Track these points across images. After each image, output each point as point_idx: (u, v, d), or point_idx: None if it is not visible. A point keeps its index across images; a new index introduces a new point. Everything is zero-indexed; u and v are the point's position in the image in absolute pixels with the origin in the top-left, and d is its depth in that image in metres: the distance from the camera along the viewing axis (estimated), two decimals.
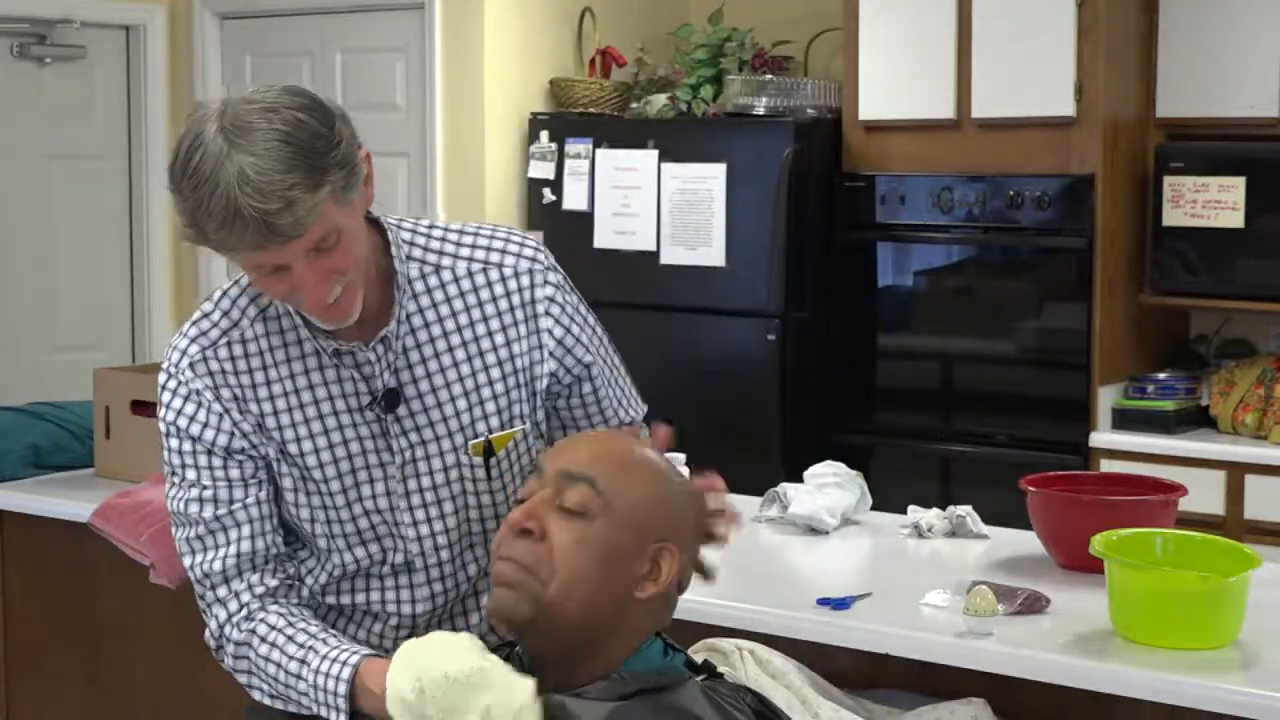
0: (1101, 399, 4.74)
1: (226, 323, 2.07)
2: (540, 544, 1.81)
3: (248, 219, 1.81)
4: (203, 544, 2.06)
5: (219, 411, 2.05)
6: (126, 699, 3.62)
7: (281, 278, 1.90)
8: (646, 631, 1.87)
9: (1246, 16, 4.68)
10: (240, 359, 2.05)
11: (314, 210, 1.84)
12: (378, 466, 2.08)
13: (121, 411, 3.73)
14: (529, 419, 2.12)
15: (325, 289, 1.92)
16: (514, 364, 2.09)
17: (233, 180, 1.80)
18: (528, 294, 2.10)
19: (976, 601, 2.57)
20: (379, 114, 5.89)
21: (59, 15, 5.91)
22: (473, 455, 2.08)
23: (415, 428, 2.07)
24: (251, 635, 2.04)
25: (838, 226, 5.07)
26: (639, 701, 1.78)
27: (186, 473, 2.07)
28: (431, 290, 2.07)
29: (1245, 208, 4.63)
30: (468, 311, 2.08)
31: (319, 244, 1.88)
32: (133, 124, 6.25)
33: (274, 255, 1.87)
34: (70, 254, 6.07)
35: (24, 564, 3.75)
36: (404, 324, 2.05)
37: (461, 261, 2.09)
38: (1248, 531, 4.41)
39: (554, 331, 2.11)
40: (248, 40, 6.24)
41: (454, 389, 2.07)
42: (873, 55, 5.02)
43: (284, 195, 1.81)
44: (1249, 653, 2.49)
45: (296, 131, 1.83)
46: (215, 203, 1.81)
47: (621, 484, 1.83)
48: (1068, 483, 3.18)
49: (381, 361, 2.04)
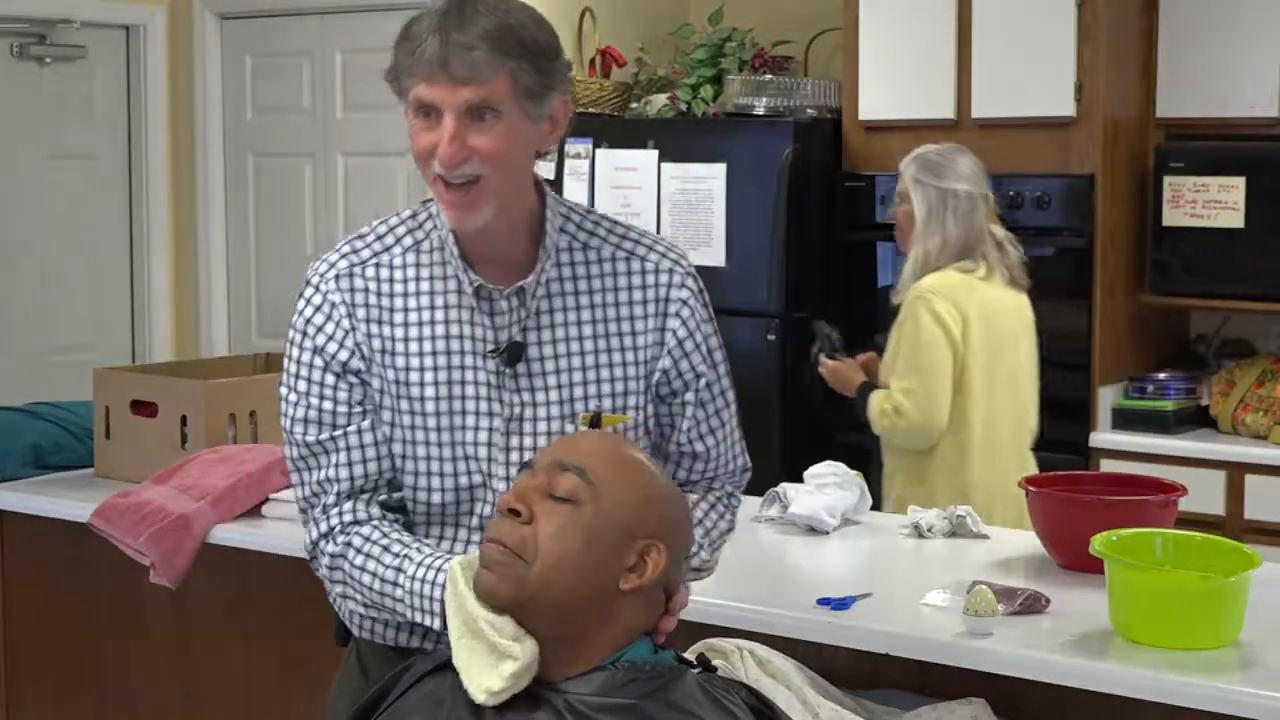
0: (1101, 399, 4.74)
1: (379, 246, 2.16)
2: (526, 526, 1.83)
3: (440, 40, 1.97)
4: (305, 464, 2.14)
5: (347, 328, 2.11)
6: (126, 699, 3.62)
7: (431, 126, 2.01)
8: (634, 627, 1.89)
9: (1246, 16, 4.68)
10: (385, 282, 2.13)
11: (489, 72, 1.97)
12: (485, 415, 2.12)
13: (121, 411, 3.73)
14: (641, 411, 2.16)
15: (460, 155, 1.99)
16: (637, 354, 2.15)
17: (445, 9, 2.00)
18: (664, 291, 2.16)
19: (976, 601, 2.57)
20: (379, 114, 5.89)
21: (59, 15, 5.91)
22: (580, 425, 2.12)
23: (530, 388, 2.12)
24: (347, 548, 2.09)
25: (838, 226, 5.07)
26: (647, 701, 1.80)
27: (298, 383, 2.14)
28: (575, 264, 2.15)
29: (1245, 208, 4.63)
30: (604, 293, 2.15)
31: (476, 106, 1.98)
32: (133, 124, 6.26)
33: (437, 91, 1.98)
34: (70, 254, 6.07)
35: (24, 564, 3.75)
36: (542, 286, 2.12)
37: (609, 246, 2.17)
38: (1248, 531, 4.41)
39: (678, 332, 2.16)
40: (248, 40, 6.24)
41: (574, 360, 2.13)
42: (873, 55, 5.03)
43: (474, 42, 1.97)
44: (1249, 653, 2.49)
45: (509, 18, 2.01)
46: (422, 21, 2.00)
47: (611, 476, 1.86)
48: (1068, 483, 3.18)
49: (513, 314, 2.11)
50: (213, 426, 3.61)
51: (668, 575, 1.90)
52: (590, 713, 1.80)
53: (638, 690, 1.82)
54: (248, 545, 3.35)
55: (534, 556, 1.82)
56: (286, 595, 3.35)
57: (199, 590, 3.40)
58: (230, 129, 6.32)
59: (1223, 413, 4.69)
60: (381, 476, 2.13)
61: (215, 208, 6.29)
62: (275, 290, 6.20)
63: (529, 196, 2.13)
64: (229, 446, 3.58)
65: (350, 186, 6.02)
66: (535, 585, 1.82)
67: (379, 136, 5.90)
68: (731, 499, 2.31)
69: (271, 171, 6.24)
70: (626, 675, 1.84)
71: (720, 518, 2.27)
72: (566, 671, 1.85)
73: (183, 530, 3.31)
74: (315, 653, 3.31)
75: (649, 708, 1.80)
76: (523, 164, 2.08)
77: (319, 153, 6.09)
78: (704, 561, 2.21)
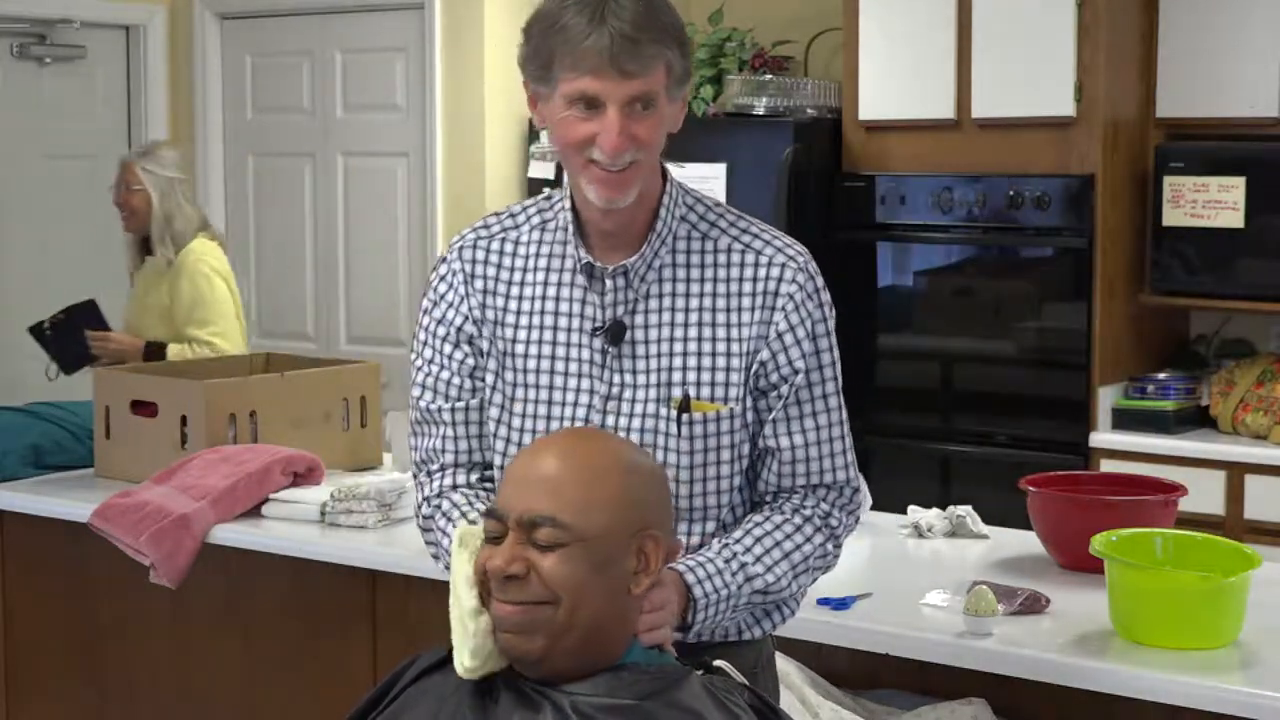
0: (1101, 399, 4.74)
1: (509, 222, 2.22)
2: (532, 581, 1.83)
3: (605, 32, 1.97)
4: (419, 429, 2.23)
5: (463, 294, 2.18)
6: (126, 699, 3.62)
7: (591, 117, 2.02)
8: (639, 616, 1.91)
9: (1246, 16, 4.68)
10: (507, 256, 2.19)
11: (655, 62, 2.01)
12: (586, 392, 2.14)
13: (121, 411, 3.73)
14: (739, 403, 2.13)
15: (623, 145, 2.02)
16: (740, 344, 2.13)
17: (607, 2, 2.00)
18: (773, 285, 2.14)
19: (976, 601, 2.57)
20: (379, 114, 5.90)
21: (59, 15, 5.91)
22: (671, 408, 2.11)
23: (632, 370, 2.13)
24: (436, 510, 2.17)
25: (838, 226, 5.07)
26: (649, 702, 1.80)
27: (425, 350, 2.22)
28: (691, 252, 2.15)
29: (1245, 208, 4.63)
30: (714, 282, 2.14)
31: (640, 99, 2.02)
32: (133, 124, 6.26)
33: (604, 85, 2.00)
34: (70, 254, 6.07)
35: (24, 564, 3.75)
36: (653, 271, 2.13)
37: (728, 238, 2.16)
38: (1248, 531, 4.41)
39: (779, 325, 2.13)
40: (248, 40, 6.24)
41: (676, 345, 2.12)
42: (873, 55, 5.02)
43: (636, 34, 1.98)
44: (1249, 653, 2.49)
45: (659, 4, 2.04)
46: (569, 10, 2.00)
47: (580, 506, 1.83)
48: (1068, 483, 3.18)
49: (619, 293, 2.13)
50: (213, 426, 3.61)
51: (668, 548, 1.92)
52: (593, 713, 1.80)
53: (641, 691, 1.82)
54: (248, 545, 3.35)
55: (555, 597, 1.82)
56: (286, 595, 3.35)
57: (199, 590, 3.40)
58: (230, 129, 6.32)
59: (1223, 413, 4.69)
60: (485, 454, 2.19)
61: (215, 208, 6.29)
62: (275, 290, 6.20)
63: (657, 178, 2.16)
64: (229, 446, 3.58)
65: (350, 186, 6.02)
66: (564, 622, 1.82)
67: (379, 136, 5.91)
68: (828, 520, 2.17)
69: (271, 171, 6.24)
70: (630, 676, 1.84)
71: (806, 540, 2.14)
72: (579, 672, 1.85)
73: (183, 530, 3.31)
74: (315, 653, 3.31)
75: (652, 708, 1.80)
76: (659, 144, 2.11)
77: (319, 153, 6.09)
78: (769, 584, 2.10)
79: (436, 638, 1.99)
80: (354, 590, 3.25)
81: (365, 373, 3.96)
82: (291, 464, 3.47)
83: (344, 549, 3.24)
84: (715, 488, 2.14)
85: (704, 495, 2.13)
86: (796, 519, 2.14)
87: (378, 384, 3.97)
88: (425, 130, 5.72)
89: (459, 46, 5.58)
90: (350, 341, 5.98)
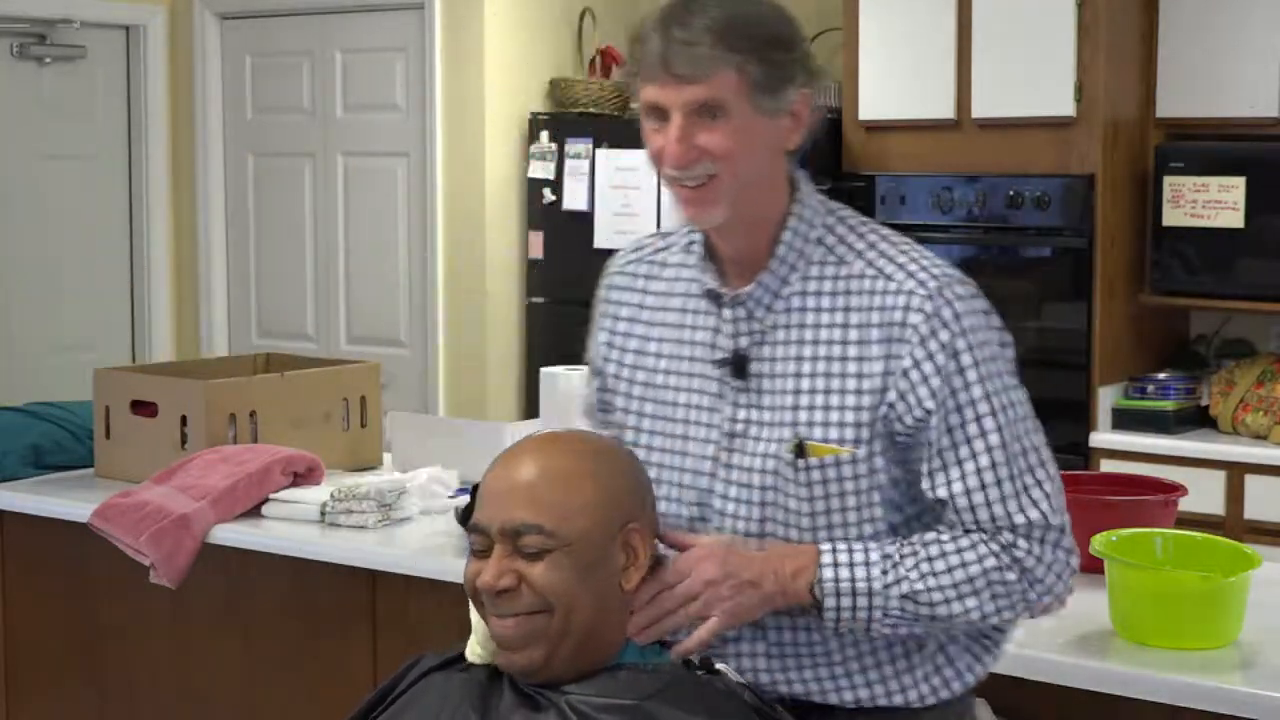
0: (1101, 399, 4.74)
1: (662, 242, 2.18)
2: (524, 591, 1.84)
3: (659, 39, 1.92)
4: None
5: (601, 325, 2.17)
6: (126, 699, 3.62)
7: (662, 129, 1.95)
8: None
9: (1246, 16, 4.68)
10: (653, 279, 2.14)
11: (712, 68, 1.90)
12: (709, 426, 2.03)
13: (121, 411, 3.73)
14: (865, 445, 1.95)
15: (689, 156, 1.93)
16: (868, 382, 1.96)
17: (671, 5, 1.94)
18: (899, 315, 1.95)
19: None
20: (379, 114, 5.90)
21: (59, 15, 5.92)
22: (787, 451, 1.97)
23: (758, 405, 2.00)
24: None
25: None
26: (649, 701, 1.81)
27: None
28: (824, 279, 2.00)
29: (1245, 208, 4.63)
30: (845, 312, 1.98)
31: (705, 106, 1.92)
32: (133, 124, 6.26)
33: (664, 92, 1.93)
34: (70, 254, 6.07)
35: (24, 564, 3.75)
36: (782, 299, 2.01)
37: (861, 262, 2.00)
38: (1248, 531, 4.41)
39: (904, 361, 1.94)
40: (248, 40, 6.24)
41: (803, 382, 1.98)
42: (873, 55, 5.03)
43: (696, 38, 1.90)
44: (1249, 653, 2.49)
45: (738, 8, 1.93)
46: (660, 20, 1.93)
47: (561, 511, 1.84)
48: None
49: (738, 324, 2.03)
50: (213, 426, 3.61)
51: (652, 530, 1.93)
52: (593, 713, 1.80)
53: (641, 691, 1.82)
54: (248, 545, 3.35)
55: (548, 604, 1.83)
56: (286, 595, 3.35)
57: (199, 590, 3.40)
58: (230, 129, 6.32)
59: (1223, 413, 4.69)
60: None
61: (215, 208, 6.29)
62: (275, 290, 6.20)
63: (776, 198, 2.02)
64: (229, 446, 3.58)
65: (350, 186, 6.02)
66: (560, 629, 1.84)
67: (379, 136, 5.91)
68: (1012, 549, 1.97)
69: (271, 171, 6.24)
70: (629, 676, 1.84)
71: (978, 560, 1.96)
72: (576, 672, 1.86)
73: (183, 530, 3.31)
74: (315, 653, 3.31)
75: (651, 708, 1.80)
76: (761, 162, 1.98)
77: (319, 153, 6.09)
78: (918, 592, 1.94)
79: (436, 638, 2.00)
80: (354, 590, 3.24)
81: (365, 373, 3.96)
82: (291, 464, 3.47)
83: (344, 549, 3.24)
84: (842, 539, 1.98)
85: None
86: (971, 538, 1.97)
87: (378, 384, 3.97)
88: (425, 130, 5.72)
89: (459, 46, 5.58)
90: (350, 341, 5.98)
